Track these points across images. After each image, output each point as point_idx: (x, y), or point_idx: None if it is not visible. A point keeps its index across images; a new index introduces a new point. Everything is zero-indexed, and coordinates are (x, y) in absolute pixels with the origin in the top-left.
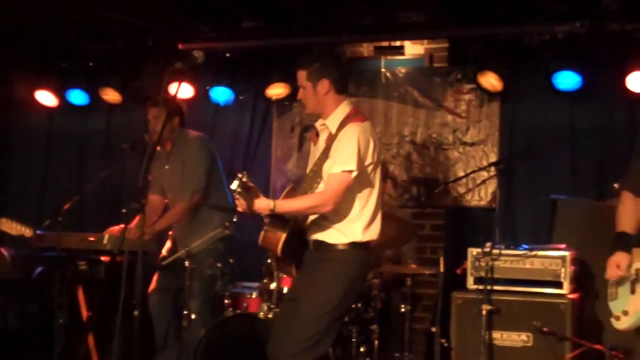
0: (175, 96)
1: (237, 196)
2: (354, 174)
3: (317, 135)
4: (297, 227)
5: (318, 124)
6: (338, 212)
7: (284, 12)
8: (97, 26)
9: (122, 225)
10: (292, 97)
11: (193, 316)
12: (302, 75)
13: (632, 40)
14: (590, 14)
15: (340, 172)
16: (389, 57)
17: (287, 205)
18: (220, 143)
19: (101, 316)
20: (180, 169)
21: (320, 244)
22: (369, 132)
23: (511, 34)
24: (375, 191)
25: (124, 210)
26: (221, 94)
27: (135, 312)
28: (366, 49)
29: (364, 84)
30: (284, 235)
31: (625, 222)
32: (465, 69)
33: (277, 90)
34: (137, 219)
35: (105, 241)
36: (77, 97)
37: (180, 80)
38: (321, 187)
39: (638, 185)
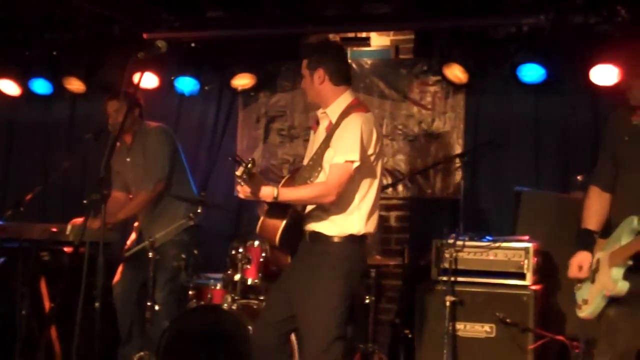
0: (137, 87)
1: (240, 182)
2: (356, 164)
3: (318, 123)
4: (296, 217)
5: (319, 112)
6: (337, 203)
7: (249, 2)
8: (61, 14)
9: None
10: (257, 88)
11: (157, 307)
12: (303, 64)
13: (596, 33)
14: (555, 7)
15: (343, 163)
16: (355, 49)
17: (290, 193)
18: (185, 133)
19: (64, 307)
20: (142, 160)
21: (317, 235)
22: (372, 123)
23: (476, 26)
24: (376, 183)
25: (85, 202)
26: (186, 84)
27: (97, 304)
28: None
29: None
30: (282, 224)
31: (590, 219)
32: (431, 60)
33: (242, 81)
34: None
35: (67, 232)
36: (40, 86)
37: (143, 71)
38: (322, 176)
39: (605, 180)
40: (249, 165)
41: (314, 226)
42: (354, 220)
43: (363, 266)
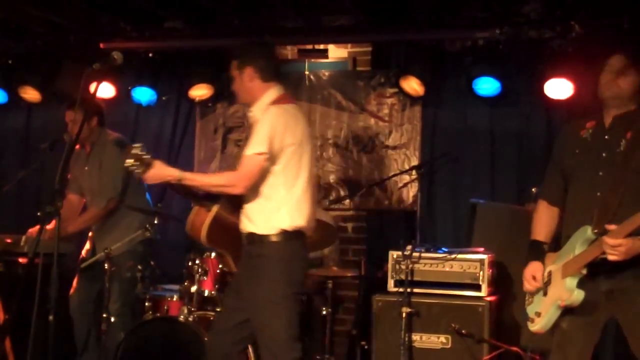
0: (94, 96)
1: (136, 170)
2: (265, 156)
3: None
4: (224, 216)
5: (248, 112)
6: (263, 198)
7: (206, 13)
8: (17, 23)
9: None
10: (215, 99)
11: (113, 319)
12: (232, 65)
13: (550, 47)
14: (510, 22)
15: (251, 154)
16: (312, 60)
17: (195, 177)
18: (142, 144)
19: (18, 319)
20: (98, 172)
21: (251, 236)
22: (291, 114)
23: (433, 40)
24: (304, 174)
25: (39, 214)
26: (143, 94)
27: (50, 317)
28: (290, 52)
29: (288, 86)
30: (208, 219)
31: (539, 231)
32: (388, 73)
33: (200, 92)
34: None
35: (22, 243)
36: None
37: (100, 81)
38: None
39: (553, 194)
40: (136, 151)
41: (247, 227)
42: (283, 215)
43: (302, 263)
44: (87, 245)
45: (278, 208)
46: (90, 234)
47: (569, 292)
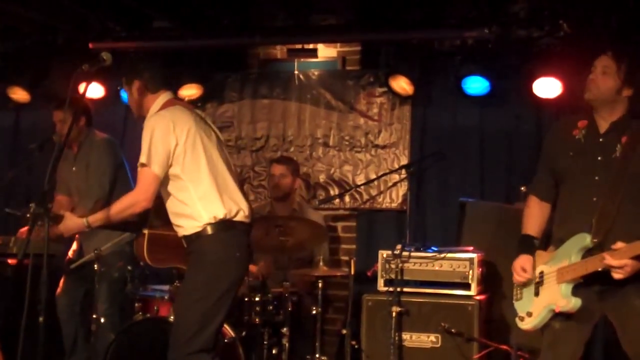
0: (82, 96)
1: (38, 230)
2: (151, 166)
3: None
4: (158, 234)
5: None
6: (178, 203)
7: (196, 13)
8: (5, 23)
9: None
10: (204, 99)
11: (102, 320)
12: (122, 81)
13: (538, 46)
14: (499, 21)
15: (139, 169)
16: (302, 60)
17: (100, 216)
18: (131, 144)
19: (8, 320)
20: (85, 173)
21: (185, 238)
22: (167, 117)
23: (422, 39)
24: (204, 168)
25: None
26: None
27: (41, 318)
28: (279, 51)
29: (278, 86)
30: (145, 244)
31: (530, 225)
32: (378, 72)
33: (189, 92)
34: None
35: (12, 244)
36: None
37: (89, 81)
38: None
39: (543, 190)
40: (32, 211)
41: (179, 232)
42: (199, 211)
43: (233, 254)
44: (74, 246)
45: (193, 206)
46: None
47: (565, 299)
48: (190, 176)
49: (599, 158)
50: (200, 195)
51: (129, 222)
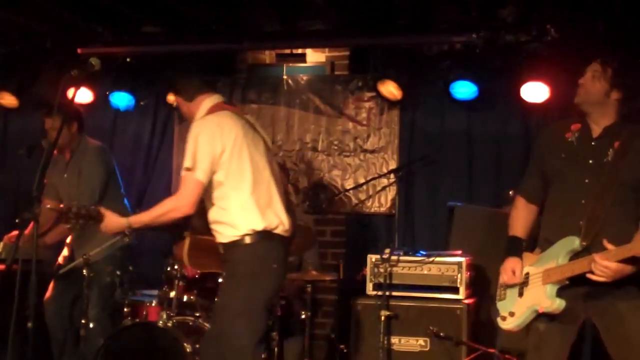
0: (72, 102)
1: (79, 227)
2: (195, 171)
3: None
4: (199, 239)
5: None
6: (219, 209)
7: (184, 18)
8: None
9: (17, 232)
10: None
11: (91, 325)
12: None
13: (526, 51)
14: (486, 26)
15: (183, 174)
16: (291, 65)
17: (142, 217)
18: (120, 149)
19: None
20: (77, 180)
21: (222, 246)
22: (215, 122)
23: (410, 44)
24: (248, 176)
25: (17, 220)
26: (121, 99)
27: (29, 324)
28: (268, 56)
29: (266, 90)
30: (185, 248)
31: (517, 227)
32: (366, 77)
33: None
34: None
35: (0, 249)
36: None
37: (78, 86)
38: None
39: (531, 192)
40: (73, 210)
41: (217, 239)
42: (239, 221)
43: (269, 265)
44: (65, 252)
45: (233, 215)
46: (68, 240)
47: (550, 300)
48: (233, 184)
49: (590, 161)
50: (242, 205)
51: (173, 225)
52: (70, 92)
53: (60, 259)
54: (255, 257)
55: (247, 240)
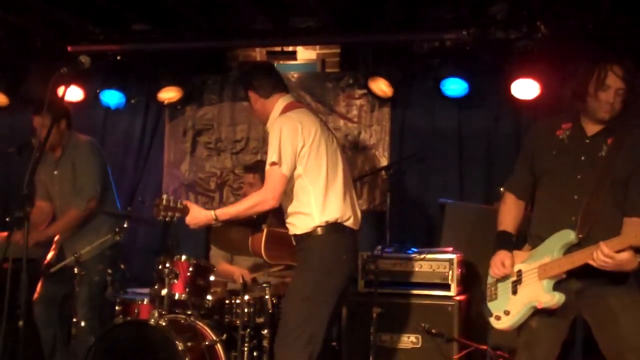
0: (61, 99)
1: (168, 219)
2: (283, 166)
3: None
4: (275, 231)
5: (265, 130)
6: (296, 202)
7: (175, 16)
8: None
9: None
10: (184, 101)
11: (82, 323)
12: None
13: (516, 48)
14: (477, 23)
15: (268, 168)
16: (281, 62)
17: (230, 210)
18: (111, 147)
19: None
20: (72, 174)
21: (295, 237)
22: (295, 119)
23: (401, 41)
24: (323, 170)
25: (7, 219)
26: (112, 97)
27: (20, 323)
28: (259, 54)
29: None
30: (263, 240)
31: (506, 222)
32: (357, 74)
33: (169, 94)
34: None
35: None
36: None
37: (68, 84)
38: None
39: (520, 188)
40: (163, 203)
41: (291, 230)
42: (314, 213)
43: (340, 255)
44: (53, 250)
45: (310, 207)
46: (56, 238)
47: (549, 295)
48: (311, 177)
49: (583, 158)
50: (318, 197)
51: (251, 218)
52: (60, 90)
53: (48, 257)
54: (327, 247)
55: (319, 231)
